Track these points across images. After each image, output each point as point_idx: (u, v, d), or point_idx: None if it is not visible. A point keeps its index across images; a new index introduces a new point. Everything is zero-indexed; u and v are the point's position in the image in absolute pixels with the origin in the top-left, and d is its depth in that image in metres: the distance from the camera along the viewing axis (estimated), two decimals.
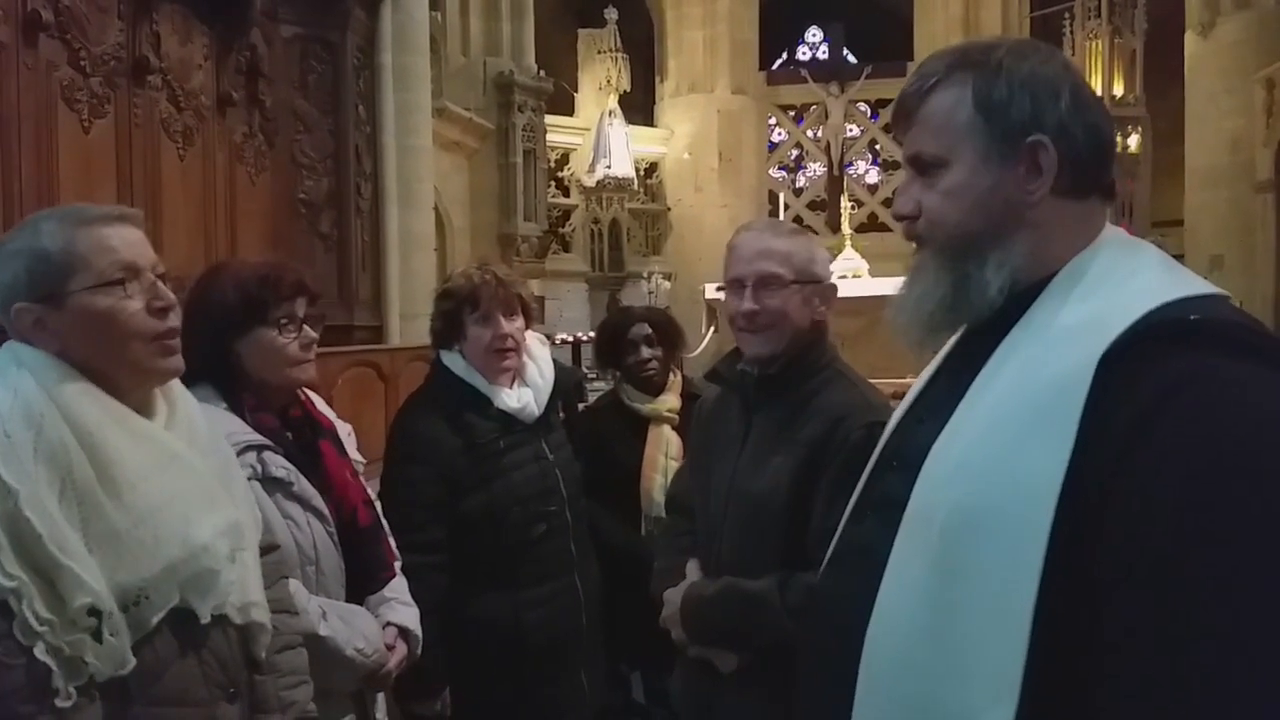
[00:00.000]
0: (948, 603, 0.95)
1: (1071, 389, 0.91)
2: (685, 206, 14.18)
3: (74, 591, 1.16)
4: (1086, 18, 11.96)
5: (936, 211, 1.10)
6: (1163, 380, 0.88)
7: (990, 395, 1.01)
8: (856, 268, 9.13)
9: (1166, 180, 12.31)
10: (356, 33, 5.46)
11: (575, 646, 2.39)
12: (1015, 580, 0.89)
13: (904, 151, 1.15)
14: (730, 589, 1.78)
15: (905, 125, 1.14)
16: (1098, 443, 0.88)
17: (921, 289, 1.12)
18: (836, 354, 1.89)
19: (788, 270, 1.80)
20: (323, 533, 1.81)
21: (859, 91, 14.75)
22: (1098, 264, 1.04)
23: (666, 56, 14.48)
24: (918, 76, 1.12)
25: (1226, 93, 10.17)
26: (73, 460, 1.21)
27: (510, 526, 2.29)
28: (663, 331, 2.96)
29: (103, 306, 1.29)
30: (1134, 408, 0.88)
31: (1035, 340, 1.00)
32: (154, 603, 1.24)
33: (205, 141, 4.50)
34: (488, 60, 11.15)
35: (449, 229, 10.19)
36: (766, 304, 1.80)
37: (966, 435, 1.00)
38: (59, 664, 1.15)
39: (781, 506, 1.73)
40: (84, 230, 1.31)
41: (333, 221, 5.27)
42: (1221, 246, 10.27)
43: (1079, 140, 1.06)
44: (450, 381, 2.35)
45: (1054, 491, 0.89)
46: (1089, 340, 0.94)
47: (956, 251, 1.09)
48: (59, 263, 1.28)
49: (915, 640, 0.97)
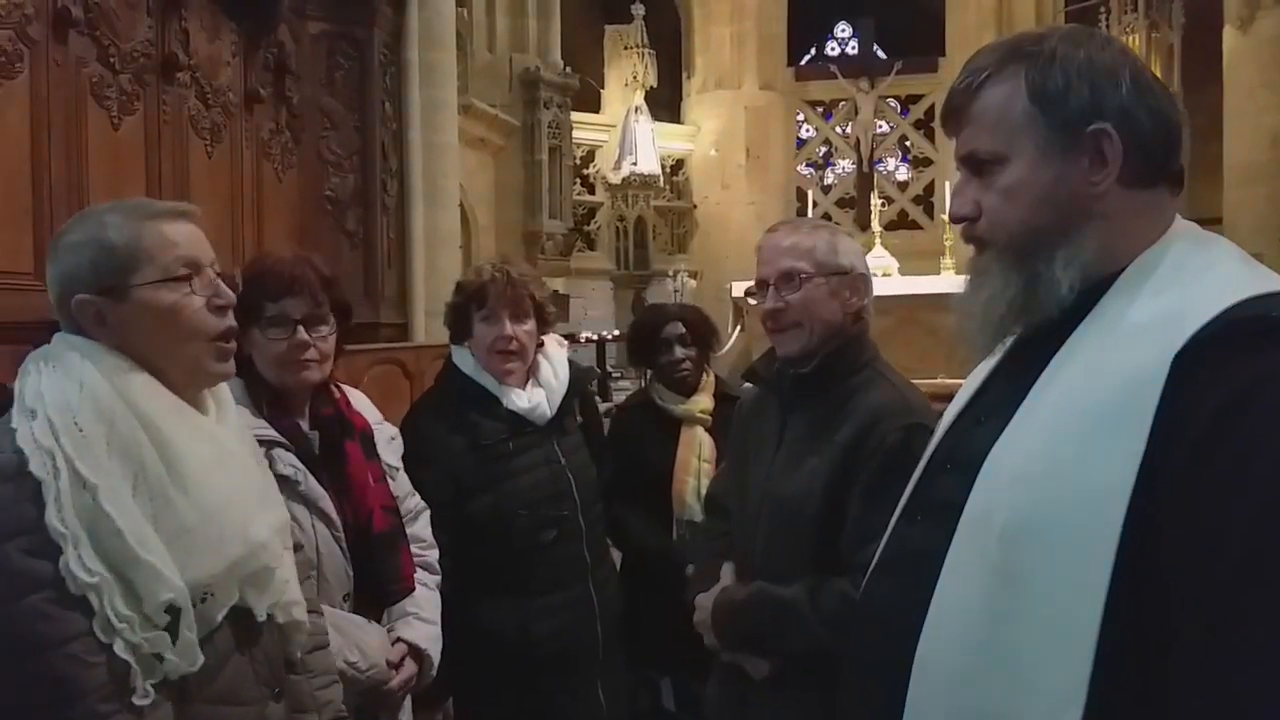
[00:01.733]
0: (1008, 610, 0.92)
1: (1144, 389, 0.88)
2: (712, 204, 14.10)
3: (154, 587, 1.16)
4: (1123, 12, 11.78)
5: (998, 211, 1.06)
6: (1242, 379, 0.84)
7: (1055, 396, 0.97)
8: (886, 266, 9.06)
9: (1204, 177, 12.09)
10: (383, 29, 5.46)
11: (588, 657, 2.33)
12: (1082, 588, 0.87)
13: (957, 151, 1.11)
14: (761, 594, 1.76)
15: (956, 124, 1.10)
16: (1172, 443, 0.85)
17: (990, 292, 1.07)
18: (877, 353, 1.85)
19: (808, 264, 1.79)
20: (328, 537, 1.77)
21: (889, 87, 14.59)
22: (1170, 258, 1.00)
23: (693, 52, 14.40)
24: (967, 73, 1.08)
25: (1266, 88, 9.97)
26: (144, 455, 1.21)
27: (518, 531, 2.24)
28: (697, 330, 2.90)
29: (167, 302, 1.29)
30: (1212, 408, 0.84)
31: (1104, 339, 0.97)
32: (219, 600, 1.25)
33: (233, 138, 4.50)
34: (514, 57, 11.15)
35: (474, 226, 10.20)
36: (789, 299, 1.78)
37: (1030, 438, 0.97)
38: (137, 661, 1.16)
39: (815, 509, 1.71)
40: (149, 224, 1.30)
41: (359, 218, 5.27)
42: (1260, 245, 10.04)
43: (1144, 126, 1.02)
44: (459, 380, 2.31)
45: (1124, 498, 0.86)
46: (1162, 338, 0.90)
47: (1023, 250, 1.05)
48: (124, 256, 1.28)
49: (972, 648, 0.95)
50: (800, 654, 1.67)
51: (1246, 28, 10.23)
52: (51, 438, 1.18)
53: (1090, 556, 0.87)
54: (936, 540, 1.04)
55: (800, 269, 1.78)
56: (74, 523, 1.14)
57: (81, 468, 1.16)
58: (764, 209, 13.27)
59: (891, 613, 1.10)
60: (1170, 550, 0.85)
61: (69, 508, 1.15)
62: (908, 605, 1.05)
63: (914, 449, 1.48)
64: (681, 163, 14.38)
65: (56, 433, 1.18)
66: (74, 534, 1.14)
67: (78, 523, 1.15)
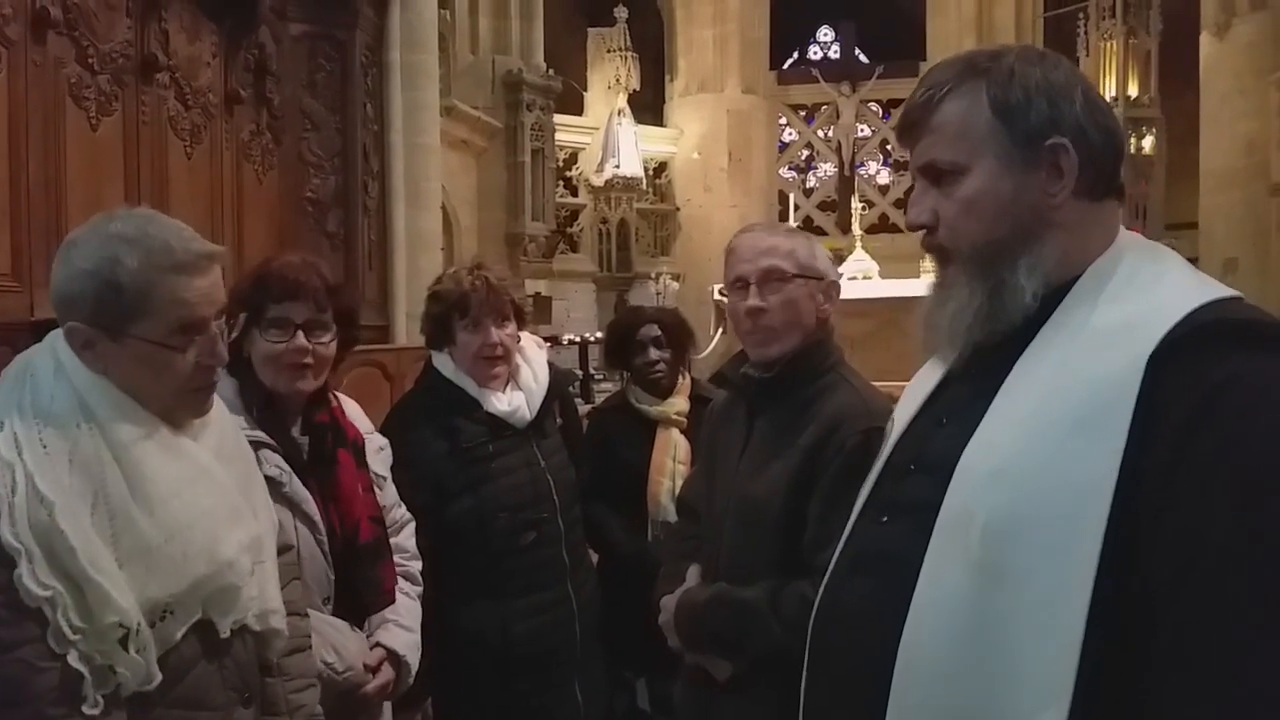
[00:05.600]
0: (991, 608, 0.94)
1: (1120, 390, 0.92)
2: (694, 206, 14.12)
3: (103, 607, 1.17)
4: (1101, 18, 11.87)
5: (958, 220, 1.09)
6: (1213, 378, 0.89)
7: (1026, 397, 1.00)
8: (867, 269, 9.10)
9: (1181, 182, 12.22)
10: (365, 31, 5.45)
11: (567, 658, 2.34)
12: (1067, 583, 0.89)
13: (914, 161, 1.14)
14: (722, 596, 1.77)
15: (914, 135, 1.13)
16: (1152, 439, 0.89)
17: (956, 305, 1.10)
18: (841, 357, 1.86)
19: (791, 264, 1.79)
20: (310, 540, 1.77)
21: (870, 91, 14.67)
22: (1124, 267, 1.05)
23: (676, 55, 14.42)
24: (926, 86, 1.12)
25: (1241, 94, 10.08)
26: (107, 474, 1.21)
27: (498, 533, 2.25)
28: (673, 333, 2.92)
29: (155, 358, 1.29)
30: (1189, 405, 0.89)
31: (1071, 343, 1.01)
32: (178, 617, 1.25)
33: (213, 139, 4.49)
34: (496, 59, 11.14)
35: (456, 228, 10.18)
36: (771, 299, 1.78)
37: (1005, 438, 0.99)
38: (90, 672, 1.16)
39: (778, 512, 1.71)
40: (166, 277, 1.28)
41: (340, 220, 5.26)
42: (1236, 249, 10.18)
43: (1096, 141, 1.07)
44: (439, 384, 2.31)
45: (1108, 493, 0.89)
46: (1131, 341, 0.94)
47: (986, 260, 1.08)
48: (130, 304, 1.26)
49: (957, 645, 0.96)
50: (762, 656, 1.67)
51: (1223, 34, 10.34)
52: (14, 451, 1.19)
53: (1075, 551, 0.89)
54: (911, 540, 1.05)
55: (782, 269, 1.78)
56: (28, 537, 1.15)
57: (40, 484, 1.17)
58: (746, 212, 13.30)
59: (867, 612, 1.10)
60: (1153, 540, 0.87)
61: (23, 522, 1.15)
62: (885, 604, 1.05)
63: (873, 452, 1.50)
64: (664, 165, 14.40)
65: (20, 447, 1.19)
66: (28, 548, 1.15)
67: (31, 538, 1.15)
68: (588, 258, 13.18)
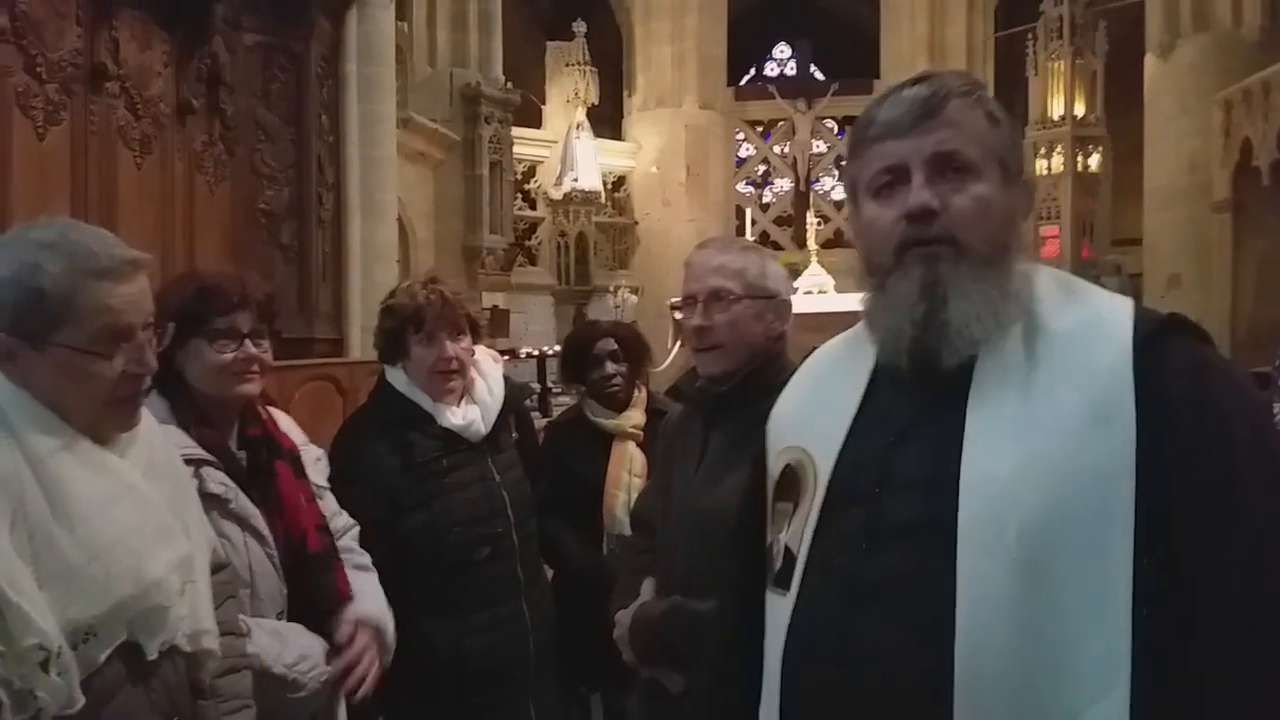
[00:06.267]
0: (1041, 607, 0.96)
1: (1117, 381, 0.99)
2: (653, 220, 14.20)
3: (21, 630, 1.12)
4: (1049, 39, 12.14)
5: (972, 214, 1.09)
6: (1193, 363, 1.02)
7: (1014, 400, 1.03)
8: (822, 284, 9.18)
9: (1127, 199, 12.51)
10: (321, 42, 5.39)
11: (520, 674, 2.33)
12: (1109, 569, 0.94)
13: (931, 146, 1.09)
14: (676, 609, 1.77)
15: (931, 121, 1.10)
16: (1158, 421, 0.97)
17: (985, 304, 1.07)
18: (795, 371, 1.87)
19: (738, 285, 1.79)
20: (260, 554, 1.75)
21: (826, 108, 14.87)
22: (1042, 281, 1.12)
23: (635, 71, 14.52)
24: (937, 82, 1.12)
25: (1185, 114, 10.36)
26: (25, 491, 1.17)
27: (452, 549, 2.23)
28: (628, 347, 2.93)
29: (81, 368, 1.25)
30: (1184, 388, 0.99)
31: (1035, 347, 1.06)
32: (101, 640, 1.21)
33: (164, 150, 4.41)
34: (454, 71, 11.13)
35: (413, 240, 10.13)
36: (716, 319, 1.79)
37: (1010, 442, 1.01)
38: (8, 696, 1.12)
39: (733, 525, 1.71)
40: (90, 284, 1.24)
41: (293, 232, 5.18)
42: (1179, 265, 10.43)
43: None
44: (393, 398, 2.30)
45: (1130, 479, 0.95)
46: (1104, 338, 1.03)
47: (998, 264, 1.10)
48: (52, 311, 1.23)
49: (1014, 653, 0.96)
50: None
51: (1167, 55, 10.62)
52: None
53: (1112, 537, 0.94)
54: (916, 562, 1.03)
55: (729, 289, 1.79)
56: None
57: None
58: (704, 226, 13.41)
59: (893, 641, 1.04)
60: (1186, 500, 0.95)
61: None
62: (915, 630, 1.01)
63: None
64: (623, 179, 14.46)
65: None
66: None
67: None
68: (546, 271, 13.18)
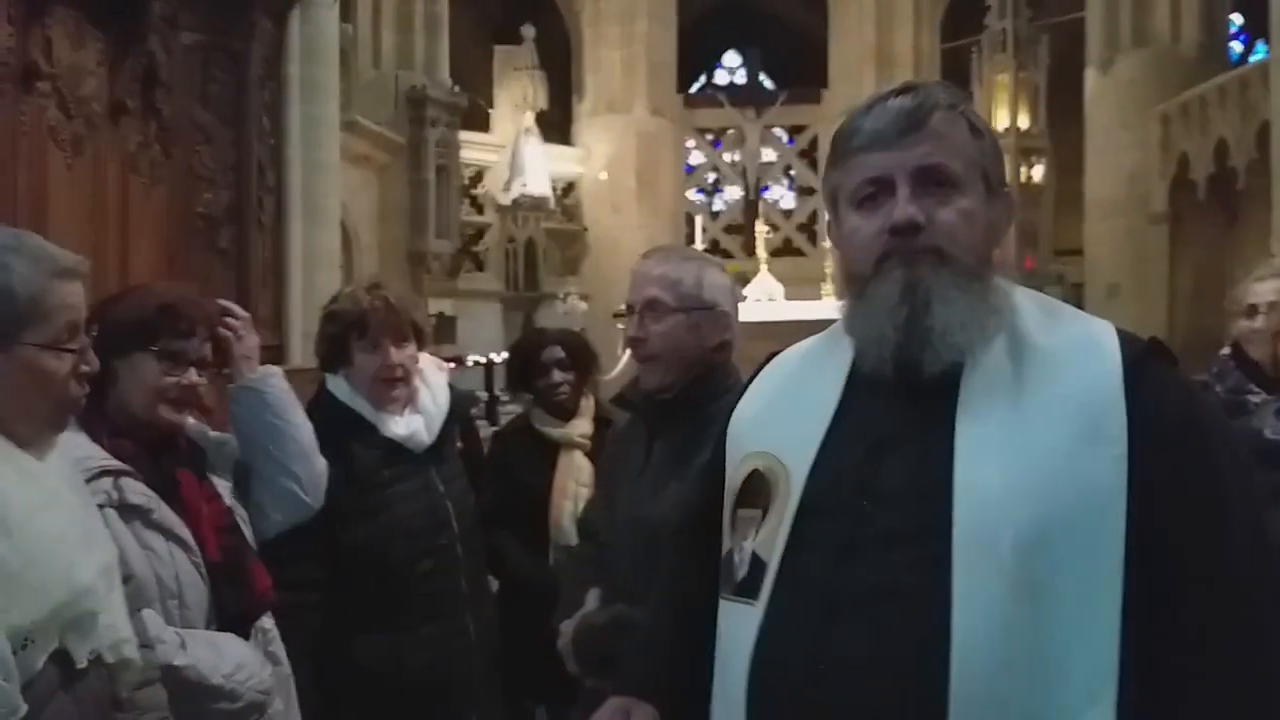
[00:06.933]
0: (1036, 619, 0.98)
1: (1108, 400, 1.02)
2: (603, 227, 14.18)
3: None
4: (993, 52, 12.38)
5: (958, 229, 1.09)
6: (1181, 384, 1.07)
7: (1004, 415, 1.04)
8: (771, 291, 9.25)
9: (1068, 210, 12.78)
10: (262, 43, 5.28)
11: (463, 689, 2.28)
12: (1100, 583, 0.97)
13: (916, 159, 1.09)
14: (618, 619, 1.75)
15: (914, 134, 1.10)
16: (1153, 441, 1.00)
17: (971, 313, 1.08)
18: (739, 379, 1.85)
19: (672, 297, 1.78)
20: (186, 563, 1.70)
21: (775, 117, 14.99)
22: (1024, 299, 1.14)
23: (584, 75, 14.51)
24: (923, 94, 1.12)
25: (1124, 128, 10.63)
26: None
27: (394, 562, 2.19)
28: (576, 354, 2.89)
29: (45, 366, 1.29)
30: (1174, 408, 1.03)
31: (1023, 362, 1.07)
32: (39, 645, 1.20)
33: (97, 151, 4.28)
34: (400, 74, 11.03)
35: (356, 245, 10.01)
36: (651, 330, 1.79)
37: (1003, 456, 1.02)
38: None
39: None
40: (53, 282, 1.29)
41: (232, 236, 5.06)
42: (1118, 275, 10.68)
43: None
44: (334, 407, 2.24)
45: (1122, 495, 0.99)
46: (1093, 358, 1.05)
47: (982, 276, 1.11)
48: (22, 310, 1.26)
49: (1009, 664, 0.97)
50: None
51: (1106, 70, 10.88)
52: None
53: (1103, 553, 0.98)
54: (902, 573, 1.03)
55: (663, 300, 1.78)
56: None
57: None
58: (654, 233, 13.40)
59: (880, 653, 1.03)
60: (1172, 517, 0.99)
61: None
62: (906, 642, 1.01)
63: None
64: (572, 185, 14.43)
65: None
66: None
67: None
68: (494, 277, 13.10)
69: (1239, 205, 9.66)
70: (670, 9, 14.62)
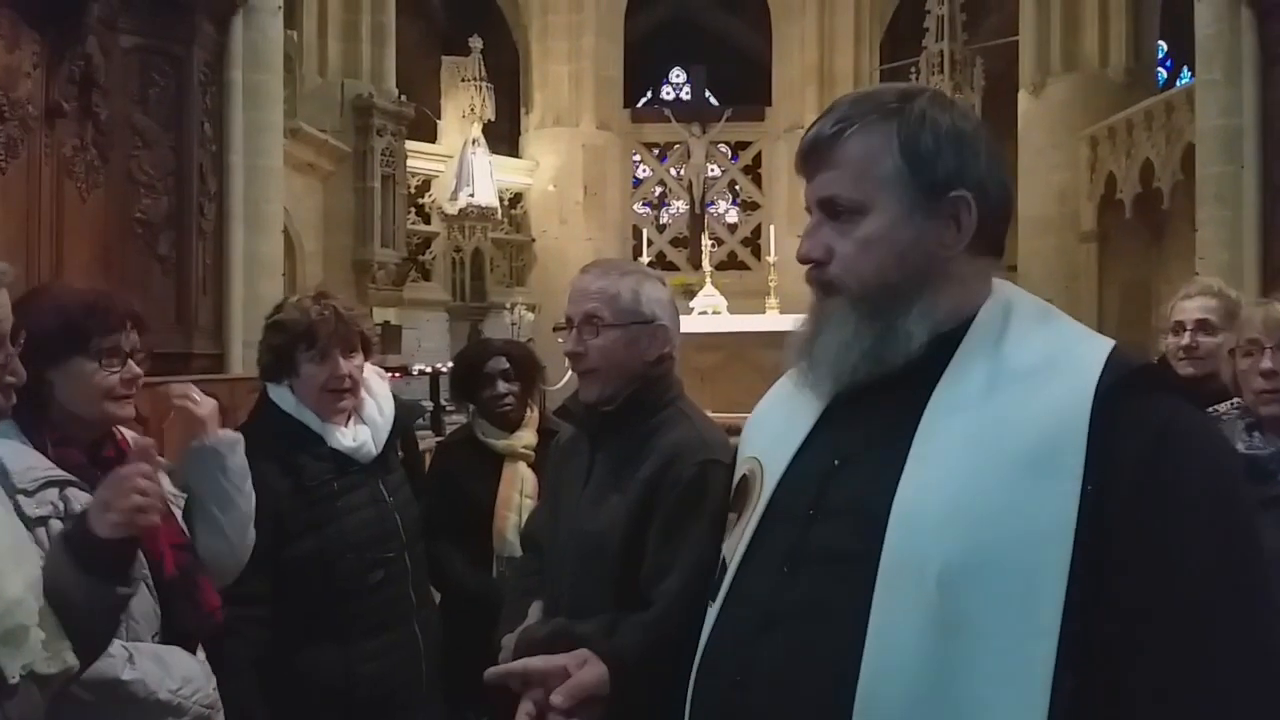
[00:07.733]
0: (952, 657, 0.91)
1: (1068, 428, 0.92)
2: (550, 238, 14.17)
3: None
4: (930, 73, 12.62)
5: (853, 259, 1.07)
6: (1159, 418, 0.93)
7: (956, 438, 0.98)
8: (716, 304, 9.33)
9: None
10: (204, 47, 5.22)
11: (410, 699, 2.29)
12: (1031, 628, 0.88)
13: (814, 193, 1.10)
14: (559, 631, 1.73)
15: (816, 166, 1.09)
16: (1112, 478, 0.90)
17: (842, 339, 1.07)
18: (680, 391, 1.88)
19: (609, 311, 1.78)
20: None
21: (720, 133, 15.14)
22: (1016, 312, 1.07)
23: (531, 88, 14.50)
24: (835, 119, 1.08)
25: (1054, 148, 10.91)
26: None
27: (343, 574, 2.18)
28: (521, 365, 2.90)
29: None
30: (1142, 444, 0.91)
31: (989, 382, 1.00)
32: None
33: (30, 154, 4.20)
34: (346, 82, 10.92)
35: (300, 253, 9.87)
36: (590, 344, 1.78)
37: (946, 480, 0.96)
38: None
39: (617, 546, 1.70)
40: None
41: (172, 243, 4.98)
42: (1050, 292, 10.89)
43: (994, 198, 1.07)
44: (278, 418, 2.23)
45: (1068, 536, 0.89)
46: (1061, 381, 0.96)
47: (879, 302, 1.06)
48: None
49: (919, 699, 0.91)
50: None
51: (1038, 92, 11.17)
52: None
53: (1038, 595, 0.88)
54: (834, 591, 1.00)
55: (600, 314, 1.78)
56: None
57: None
58: (601, 245, 13.46)
59: (799, 671, 1.01)
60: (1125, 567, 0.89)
61: None
62: (820, 661, 0.99)
63: (709, 485, 1.50)
64: (520, 196, 14.40)
65: None
66: None
67: None
68: (440, 286, 13.00)
69: (1164, 224, 9.96)
70: (618, 26, 14.69)
